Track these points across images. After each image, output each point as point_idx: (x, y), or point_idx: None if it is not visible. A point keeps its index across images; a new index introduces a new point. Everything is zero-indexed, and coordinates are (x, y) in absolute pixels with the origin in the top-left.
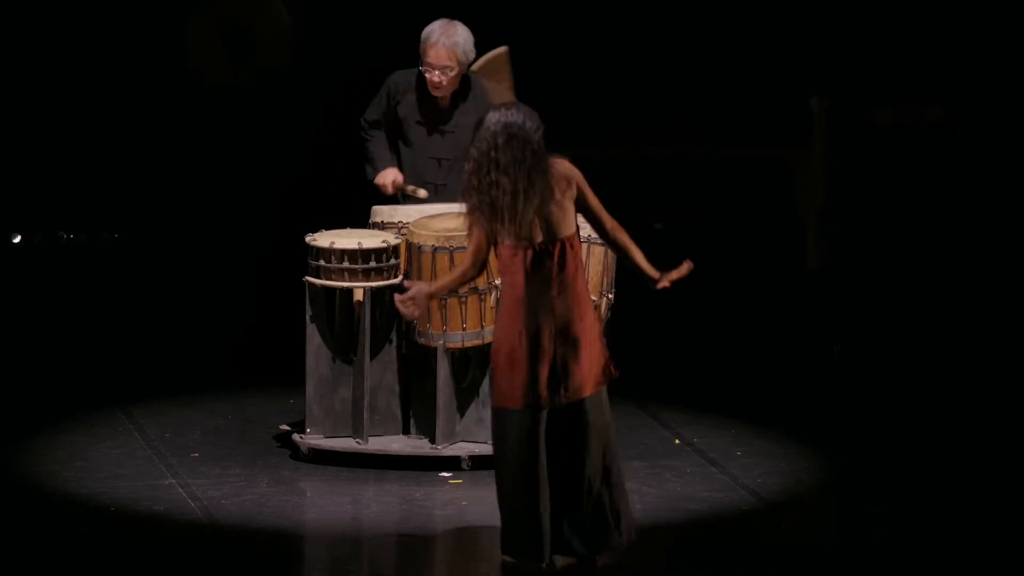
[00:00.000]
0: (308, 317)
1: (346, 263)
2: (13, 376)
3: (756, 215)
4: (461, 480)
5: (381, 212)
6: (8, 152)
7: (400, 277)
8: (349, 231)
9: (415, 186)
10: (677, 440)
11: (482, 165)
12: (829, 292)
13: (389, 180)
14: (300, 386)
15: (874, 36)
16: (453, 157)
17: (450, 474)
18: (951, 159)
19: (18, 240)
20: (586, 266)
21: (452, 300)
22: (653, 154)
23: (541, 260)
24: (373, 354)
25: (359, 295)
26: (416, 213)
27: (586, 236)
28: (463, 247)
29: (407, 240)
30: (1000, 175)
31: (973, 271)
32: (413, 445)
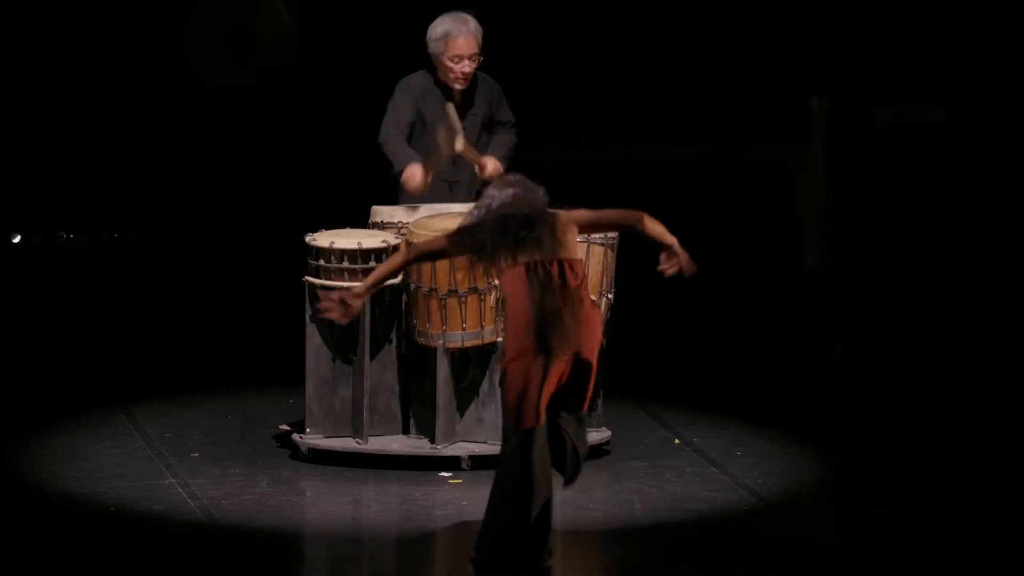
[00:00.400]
0: (308, 317)
1: (346, 263)
2: (13, 376)
3: (756, 215)
4: (461, 480)
5: (381, 212)
6: (8, 152)
7: (399, 277)
8: (349, 231)
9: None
10: (677, 440)
11: (472, 232)
12: (829, 292)
13: (418, 175)
14: (300, 386)
15: (874, 36)
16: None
17: (450, 474)
18: (951, 159)
19: (18, 240)
20: (586, 266)
21: (452, 300)
22: (653, 154)
23: (539, 271)
24: (373, 354)
25: None
26: (426, 209)
27: (585, 236)
28: None
29: (407, 240)
30: (1000, 175)
31: (973, 271)
32: (413, 445)
